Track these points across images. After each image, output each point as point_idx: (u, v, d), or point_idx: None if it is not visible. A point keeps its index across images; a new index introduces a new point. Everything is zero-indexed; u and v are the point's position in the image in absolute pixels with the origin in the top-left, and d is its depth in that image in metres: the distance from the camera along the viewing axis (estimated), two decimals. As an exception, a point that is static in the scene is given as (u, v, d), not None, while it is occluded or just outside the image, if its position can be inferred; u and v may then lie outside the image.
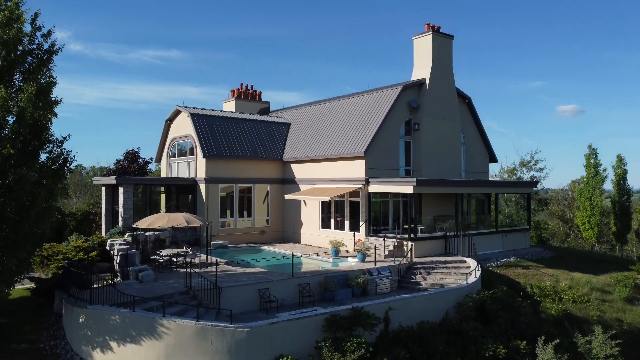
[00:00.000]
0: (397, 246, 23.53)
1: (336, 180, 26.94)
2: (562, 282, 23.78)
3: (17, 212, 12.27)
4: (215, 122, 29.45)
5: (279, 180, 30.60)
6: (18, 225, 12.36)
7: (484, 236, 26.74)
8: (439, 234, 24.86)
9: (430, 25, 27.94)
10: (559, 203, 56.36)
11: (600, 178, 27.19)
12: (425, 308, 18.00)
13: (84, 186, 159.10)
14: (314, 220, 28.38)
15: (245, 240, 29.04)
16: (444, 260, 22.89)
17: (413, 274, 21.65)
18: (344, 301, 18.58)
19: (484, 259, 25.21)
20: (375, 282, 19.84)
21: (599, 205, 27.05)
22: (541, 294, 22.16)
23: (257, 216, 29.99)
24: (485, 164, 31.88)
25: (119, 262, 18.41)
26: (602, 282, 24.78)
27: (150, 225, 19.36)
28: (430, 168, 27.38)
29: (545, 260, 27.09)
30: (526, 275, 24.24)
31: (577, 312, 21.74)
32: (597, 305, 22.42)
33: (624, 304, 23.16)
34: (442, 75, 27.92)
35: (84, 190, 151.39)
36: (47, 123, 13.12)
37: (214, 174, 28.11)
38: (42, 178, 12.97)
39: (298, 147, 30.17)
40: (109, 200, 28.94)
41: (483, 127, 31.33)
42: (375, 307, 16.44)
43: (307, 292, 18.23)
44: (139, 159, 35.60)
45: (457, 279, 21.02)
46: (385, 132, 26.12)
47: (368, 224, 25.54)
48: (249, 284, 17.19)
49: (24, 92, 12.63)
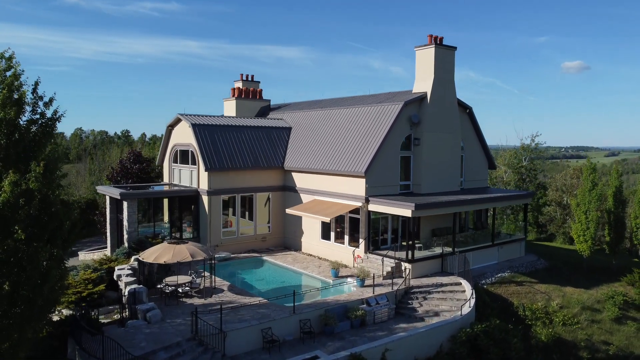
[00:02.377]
0: (395, 267, 24.24)
1: (336, 194, 27.36)
2: (554, 301, 24.62)
3: (30, 290, 12.81)
4: (217, 132, 29.58)
5: (280, 188, 31.02)
6: (32, 301, 12.93)
7: (481, 250, 27.43)
8: (436, 254, 25.50)
9: (433, 37, 27.61)
10: (558, 189, 56.98)
11: (597, 192, 27.59)
12: (421, 344, 18.88)
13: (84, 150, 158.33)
14: (315, 230, 28.98)
15: (247, 248, 29.77)
16: (440, 283, 23.62)
17: (410, 299, 22.43)
18: (343, 334, 19.45)
19: (479, 274, 26.02)
20: (374, 313, 20.63)
21: (594, 219, 27.56)
22: (532, 316, 23.04)
23: (259, 223, 30.59)
24: (485, 172, 32.23)
25: (127, 299, 19.12)
26: (593, 299, 25.64)
27: (156, 260, 19.96)
28: (429, 181, 27.74)
29: (539, 272, 27.89)
30: (519, 293, 25.06)
31: (567, 336, 22.67)
32: (586, 328, 23.32)
33: (612, 324, 24.08)
34: (444, 89, 27.83)
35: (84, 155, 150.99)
36: (56, 200, 13.47)
37: (216, 185, 28.51)
38: (53, 252, 13.42)
39: (299, 156, 30.40)
40: (113, 210, 29.48)
41: (483, 135, 31.51)
42: (373, 351, 17.29)
43: (308, 327, 19.03)
44: (141, 159, 35.93)
45: (452, 305, 21.80)
46: (386, 149, 26.32)
47: (367, 241, 26.17)
48: (252, 325, 17.93)
49: (31, 172, 12.91)
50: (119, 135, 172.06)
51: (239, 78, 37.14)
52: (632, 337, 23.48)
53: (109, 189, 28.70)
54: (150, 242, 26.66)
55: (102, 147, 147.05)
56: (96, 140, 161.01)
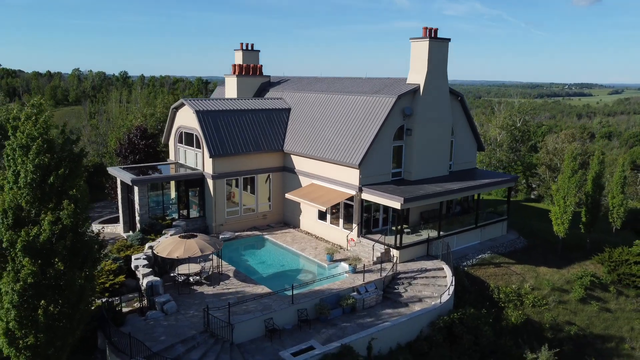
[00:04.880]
0: (385, 253, 26.73)
1: (333, 181, 29.37)
2: (527, 283, 27.33)
3: (69, 307, 15.23)
4: (220, 117, 31.10)
5: (280, 169, 32.95)
6: (71, 316, 15.38)
7: (465, 232, 29.86)
8: (422, 239, 27.91)
9: (428, 30, 28.53)
10: (549, 152, 58.87)
11: (576, 180, 29.56)
12: (403, 331, 21.67)
13: (83, 92, 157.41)
14: (313, 211, 31.23)
15: (249, 226, 32.17)
16: (425, 268, 26.20)
17: (396, 284, 25.07)
18: (336, 320, 22.21)
19: (462, 256, 28.62)
20: (363, 300, 23.31)
21: (571, 204, 29.73)
22: (506, 299, 25.82)
23: (260, 202, 32.82)
24: (474, 154, 34.11)
25: (145, 291, 21.70)
26: (563, 280, 28.36)
27: (169, 255, 22.33)
28: (420, 168, 29.68)
29: (517, 252, 30.46)
30: (496, 275, 27.74)
31: (535, 317, 25.53)
32: (553, 309, 26.13)
33: (577, 305, 26.91)
34: (437, 81, 29.10)
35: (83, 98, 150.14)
36: (85, 230, 15.58)
37: (220, 170, 30.45)
38: (86, 272, 15.73)
39: (298, 140, 32.09)
40: (124, 189, 31.59)
41: (473, 120, 33.16)
42: (361, 341, 20.06)
43: (305, 316, 21.74)
44: (147, 135, 37.59)
45: (434, 291, 24.44)
46: (379, 141, 28.02)
47: (360, 226, 28.51)
48: (256, 317, 20.57)
49: (64, 210, 14.92)
50: (117, 77, 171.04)
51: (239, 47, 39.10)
52: (594, 317, 26.38)
53: (121, 173, 30.64)
54: (160, 223, 29.00)
55: (101, 89, 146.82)
56: (94, 82, 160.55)
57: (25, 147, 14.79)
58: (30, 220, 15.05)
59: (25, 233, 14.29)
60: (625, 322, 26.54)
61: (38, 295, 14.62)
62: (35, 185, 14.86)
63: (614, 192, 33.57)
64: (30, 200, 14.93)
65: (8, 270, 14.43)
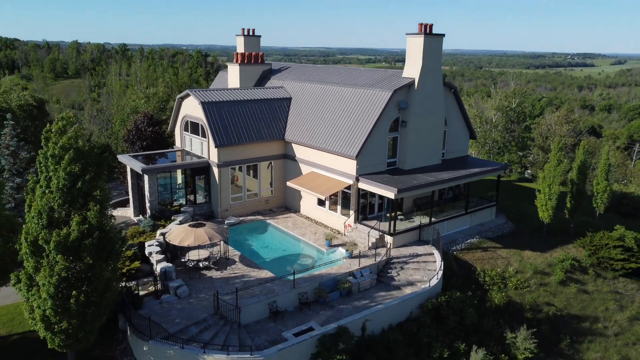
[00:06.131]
0: (379, 239, 28.72)
1: (331, 169, 31.14)
2: (511, 266, 29.42)
3: (98, 296, 17.25)
4: (224, 107, 32.64)
5: (281, 156, 34.67)
6: (99, 304, 17.42)
7: (455, 218, 31.82)
8: (415, 225, 29.88)
9: (423, 26, 29.81)
10: (542, 134, 60.46)
11: (561, 169, 31.35)
12: (395, 312, 23.83)
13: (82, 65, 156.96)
14: (312, 197, 33.09)
15: (252, 210, 34.11)
16: (416, 254, 28.25)
17: (390, 269, 27.14)
18: (333, 303, 24.33)
19: (451, 241, 30.66)
20: (359, 284, 25.41)
21: (556, 192, 31.58)
22: (490, 282, 27.94)
23: (263, 188, 34.67)
24: (466, 142, 35.81)
25: (159, 276, 23.76)
26: (545, 263, 30.45)
27: (180, 243, 24.28)
28: (414, 158, 31.42)
29: (504, 237, 32.50)
30: (483, 259, 29.82)
31: (517, 299, 27.71)
32: (535, 291, 28.30)
33: (557, 287, 29.06)
34: (431, 75, 30.54)
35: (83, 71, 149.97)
36: (111, 229, 17.46)
37: (225, 158, 32.17)
38: (111, 265, 17.69)
39: (298, 129, 33.71)
40: (134, 175, 33.40)
41: (465, 111, 34.76)
42: (356, 322, 22.21)
43: (305, 299, 23.86)
44: (154, 121, 39.13)
45: (424, 275, 26.52)
46: (375, 133, 29.66)
47: (357, 213, 30.43)
48: (261, 300, 22.68)
49: (90, 210, 16.76)
50: (116, 50, 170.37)
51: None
52: (572, 299, 28.56)
53: (131, 161, 32.37)
54: (169, 209, 30.92)
55: (100, 62, 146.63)
56: (94, 55, 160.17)
57: (56, 157, 16.52)
58: (62, 220, 16.89)
59: (56, 234, 16.16)
60: (600, 303, 28.73)
61: (70, 287, 16.61)
62: (65, 190, 16.64)
63: (599, 179, 35.37)
64: (61, 203, 16.74)
65: (44, 265, 16.36)
